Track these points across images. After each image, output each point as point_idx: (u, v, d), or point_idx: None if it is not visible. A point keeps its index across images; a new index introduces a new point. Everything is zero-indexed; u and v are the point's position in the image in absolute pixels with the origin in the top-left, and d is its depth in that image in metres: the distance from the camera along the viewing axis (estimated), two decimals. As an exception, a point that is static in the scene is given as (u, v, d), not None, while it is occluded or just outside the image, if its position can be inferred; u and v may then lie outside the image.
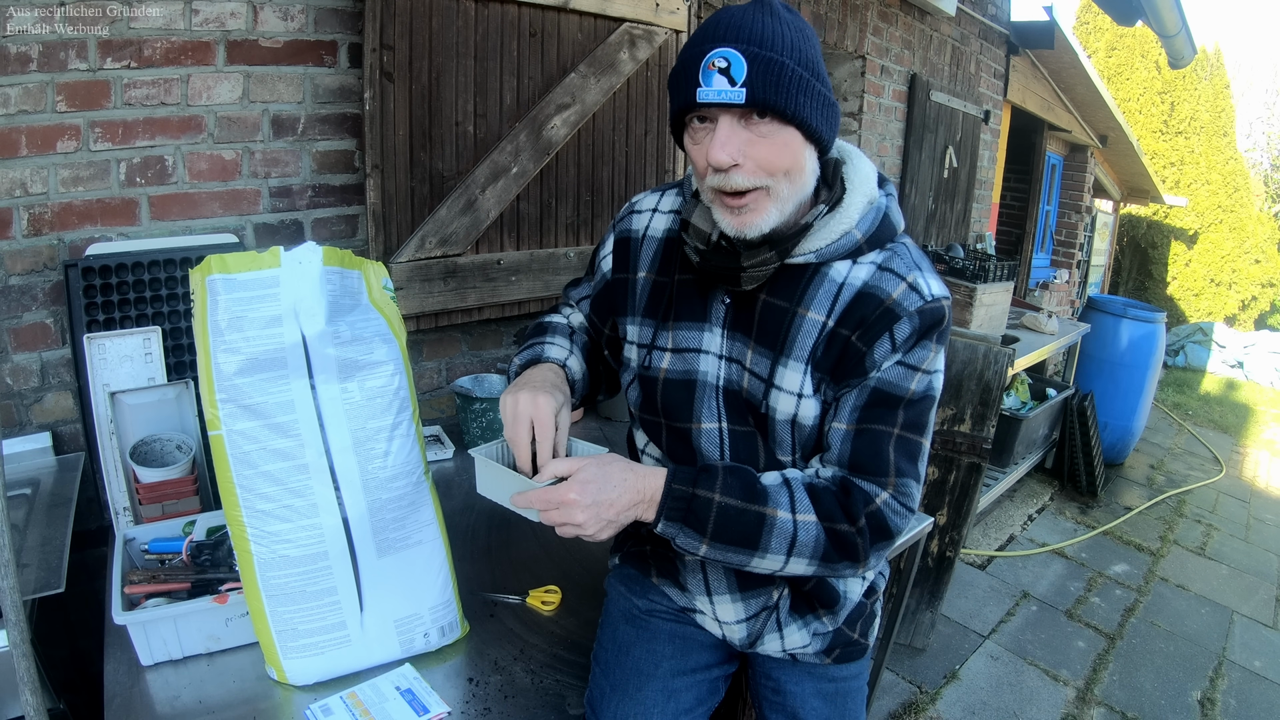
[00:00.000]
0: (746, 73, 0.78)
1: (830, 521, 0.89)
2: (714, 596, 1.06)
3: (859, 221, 0.90)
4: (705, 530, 0.87)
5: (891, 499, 0.90)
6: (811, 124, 0.82)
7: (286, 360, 0.97)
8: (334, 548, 1.02)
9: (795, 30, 0.82)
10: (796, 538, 0.88)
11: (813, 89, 0.81)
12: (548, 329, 1.12)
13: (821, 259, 0.90)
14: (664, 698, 1.03)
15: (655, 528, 0.89)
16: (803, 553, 0.88)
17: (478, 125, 1.91)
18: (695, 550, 0.89)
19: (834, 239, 0.90)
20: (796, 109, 0.80)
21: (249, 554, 0.99)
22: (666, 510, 0.88)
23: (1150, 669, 2.69)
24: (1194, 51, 4.50)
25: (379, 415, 1.03)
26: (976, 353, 2.40)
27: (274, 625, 1.01)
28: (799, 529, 0.88)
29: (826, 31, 2.99)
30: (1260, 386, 7.56)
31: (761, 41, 0.79)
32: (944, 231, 4.02)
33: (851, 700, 1.11)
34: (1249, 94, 16.74)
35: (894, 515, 0.90)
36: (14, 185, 1.39)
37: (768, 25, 0.80)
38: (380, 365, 1.04)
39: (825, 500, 0.90)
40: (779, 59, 0.79)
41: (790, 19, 0.83)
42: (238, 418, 0.96)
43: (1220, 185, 8.82)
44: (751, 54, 0.78)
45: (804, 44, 0.82)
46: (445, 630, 1.13)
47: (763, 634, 1.06)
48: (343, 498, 1.02)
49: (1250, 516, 4.22)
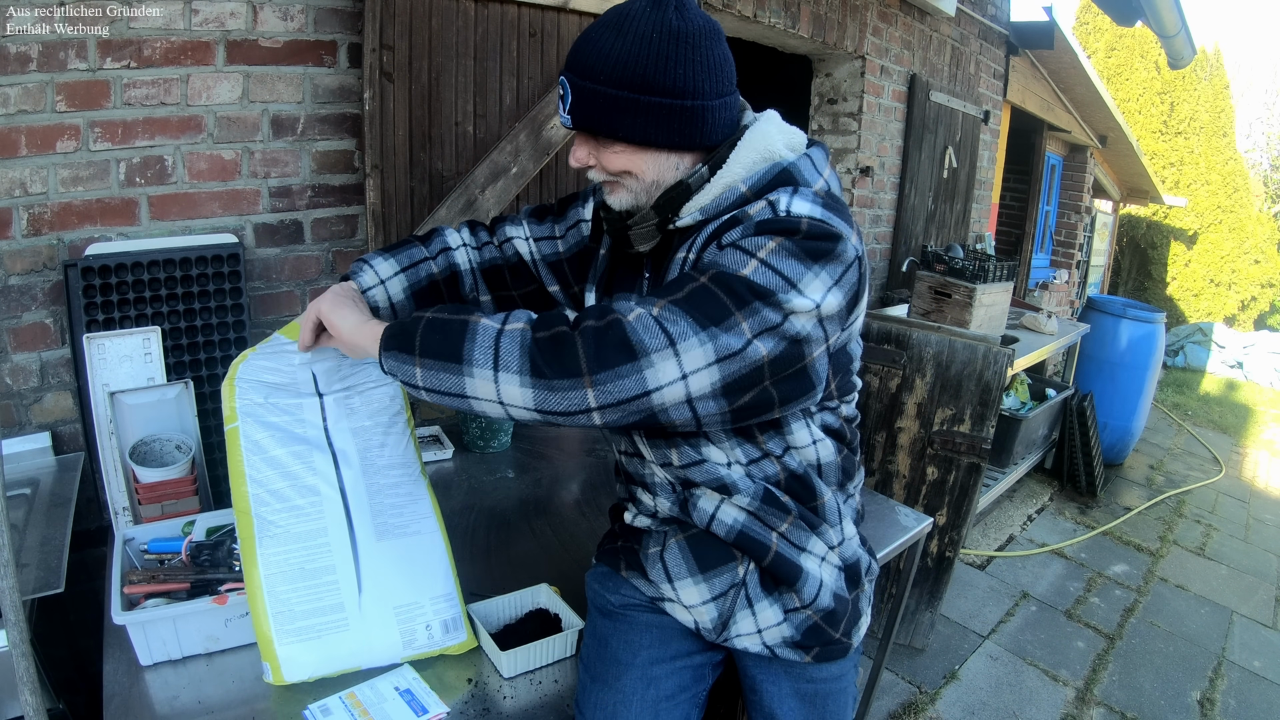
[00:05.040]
0: (570, 102, 0.91)
1: (545, 329, 0.82)
2: (675, 581, 1.04)
3: (746, 178, 0.93)
4: (414, 346, 0.85)
5: (647, 315, 0.80)
6: (635, 138, 0.90)
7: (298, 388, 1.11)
8: (333, 524, 1.06)
9: (637, 46, 0.86)
10: (500, 345, 0.81)
11: (635, 106, 0.88)
12: (417, 241, 1.17)
13: (706, 215, 0.94)
14: (643, 685, 1.03)
15: (382, 365, 0.89)
16: (509, 365, 0.80)
17: (477, 125, 1.91)
18: (411, 378, 0.85)
19: (716, 194, 0.94)
20: (613, 130, 0.90)
21: (251, 532, 1.02)
22: (384, 339, 0.88)
23: (1150, 669, 2.69)
24: (1194, 52, 4.50)
25: (376, 415, 1.14)
26: (976, 353, 2.40)
27: (271, 607, 1.01)
28: (503, 337, 0.82)
29: (827, 32, 2.99)
30: (1260, 387, 7.56)
31: (586, 70, 0.88)
32: (943, 232, 4.02)
33: (833, 702, 1.09)
34: (1249, 94, 16.76)
35: (643, 330, 0.79)
36: (14, 185, 1.39)
37: (603, 48, 0.87)
38: (379, 384, 1.15)
39: (547, 315, 0.85)
40: (594, 88, 0.88)
41: (640, 31, 0.86)
42: (252, 414, 1.06)
43: (1220, 185, 8.83)
44: (575, 85, 0.90)
45: (640, 60, 0.86)
46: (448, 626, 1.11)
47: (734, 613, 1.03)
48: (343, 479, 1.09)
49: (1250, 517, 4.22)
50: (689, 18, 0.88)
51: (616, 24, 0.88)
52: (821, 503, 1.02)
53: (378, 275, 1.09)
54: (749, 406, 0.84)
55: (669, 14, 0.87)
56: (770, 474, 1.00)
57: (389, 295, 1.10)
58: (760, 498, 0.99)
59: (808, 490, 1.01)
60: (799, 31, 2.86)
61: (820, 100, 3.43)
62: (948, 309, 3.17)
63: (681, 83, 0.88)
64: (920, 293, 3.28)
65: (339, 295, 1.01)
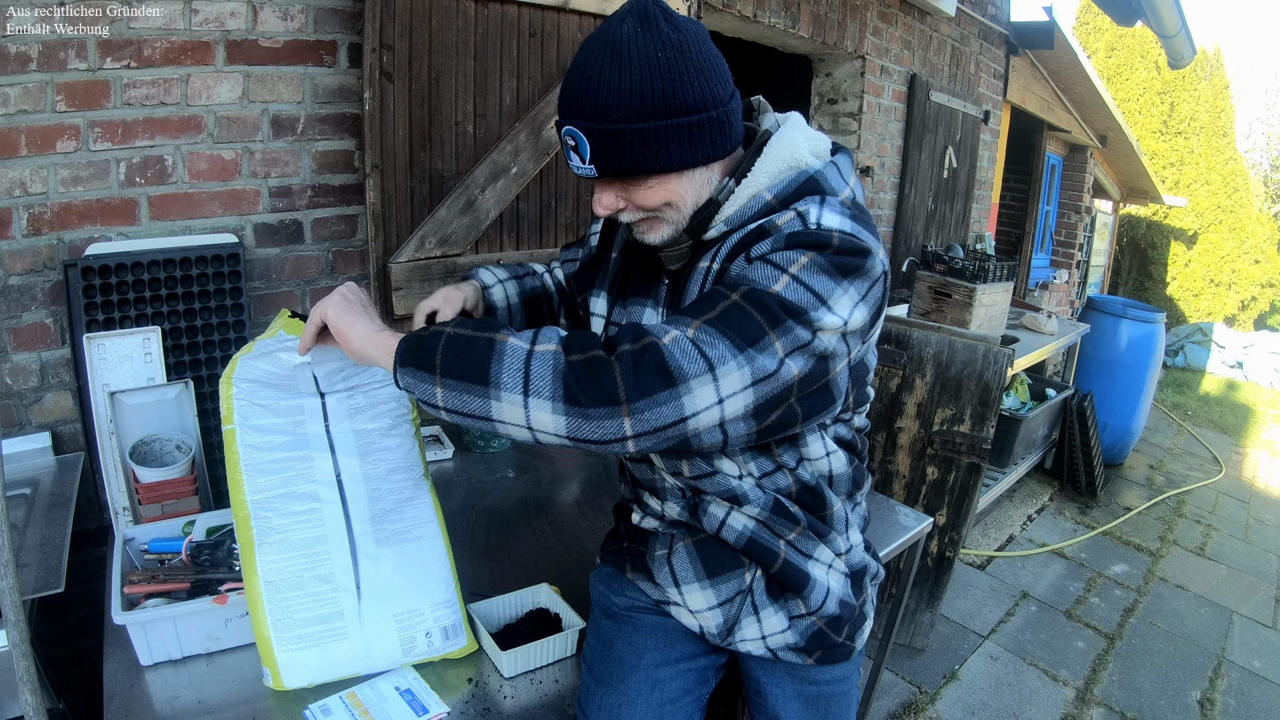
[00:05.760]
0: (590, 151, 0.84)
1: (579, 351, 0.76)
2: (682, 586, 1.04)
3: (771, 186, 0.91)
4: (434, 364, 0.79)
5: (683, 337, 0.76)
6: (669, 166, 0.86)
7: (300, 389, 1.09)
8: (333, 531, 1.04)
9: (646, 71, 0.81)
10: (530, 368, 0.76)
11: (664, 133, 0.83)
12: (513, 266, 1.21)
13: (731, 225, 0.92)
14: (648, 688, 1.02)
15: (397, 380, 0.83)
16: (541, 390, 0.75)
17: (477, 125, 1.91)
18: (431, 397, 0.79)
19: (741, 204, 0.92)
20: (646, 165, 0.85)
21: (250, 537, 1.01)
22: (400, 354, 0.82)
23: (1150, 669, 2.69)
24: (1194, 52, 4.50)
25: (379, 417, 1.11)
26: (976, 353, 2.40)
27: (270, 614, 1.01)
28: (534, 359, 0.76)
29: (827, 32, 2.99)
30: (1260, 387, 7.56)
31: (597, 113, 0.82)
32: (943, 232, 4.02)
33: (836, 705, 1.09)
34: (1249, 94, 16.77)
35: (680, 355, 0.75)
36: (14, 185, 1.39)
37: (609, 82, 0.81)
38: (383, 385, 1.13)
39: (580, 336, 0.79)
40: (615, 128, 0.82)
41: (643, 54, 0.81)
42: (249, 416, 1.04)
43: (1220, 185, 8.83)
44: (589, 130, 0.83)
45: (654, 85, 0.81)
46: (448, 632, 1.11)
47: (739, 619, 1.03)
48: (344, 485, 1.06)
49: (1250, 517, 4.22)
50: (680, 25, 0.84)
51: (613, 53, 0.82)
52: (831, 512, 1.02)
53: (495, 276, 1.14)
54: (774, 425, 0.82)
55: (662, 28, 0.82)
56: (782, 486, 0.99)
57: (506, 295, 1.15)
58: (770, 508, 0.99)
59: (818, 500, 1.01)
60: (799, 31, 2.86)
61: (820, 100, 3.43)
62: (948, 309, 3.17)
63: (699, 95, 0.84)
64: (920, 293, 3.28)
65: (347, 300, 0.94)
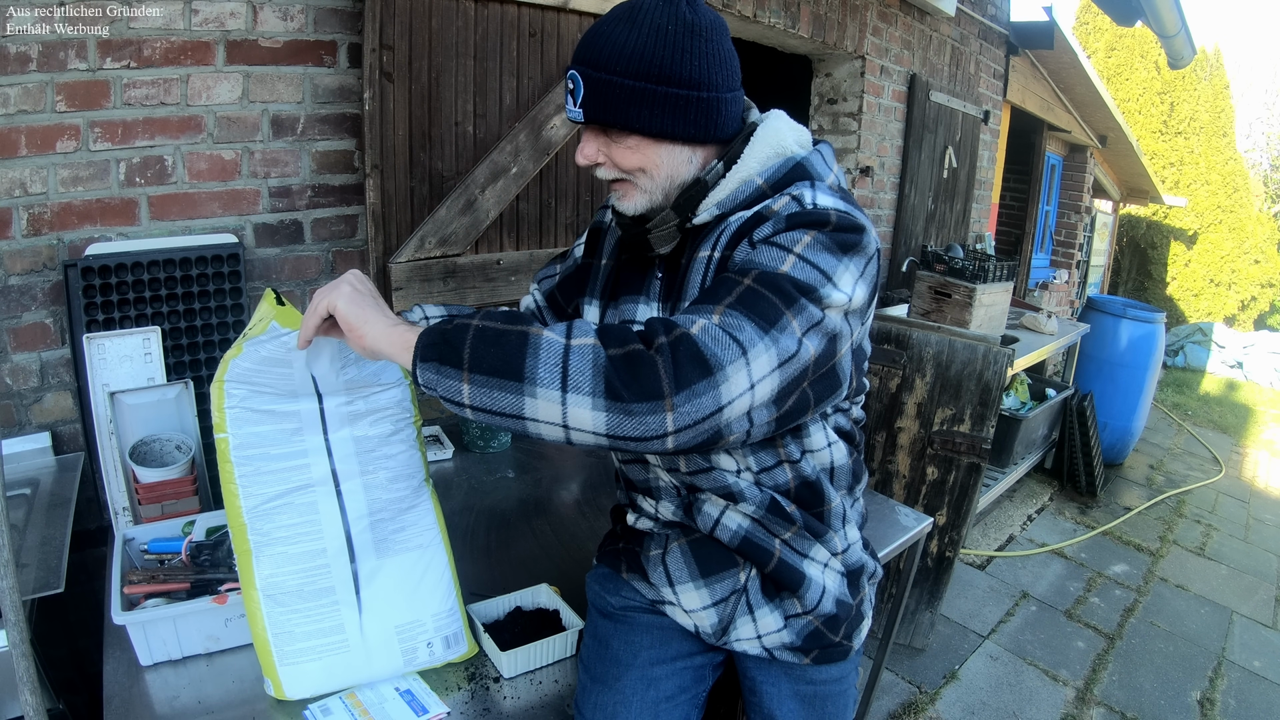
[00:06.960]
0: (583, 94, 0.88)
1: (618, 345, 0.74)
2: (677, 586, 1.04)
3: (761, 171, 0.93)
4: (461, 359, 0.74)
5: (711, 325, 0.75)
6: (650, 129, 0.89)
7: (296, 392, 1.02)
8: (332, 544, 1.02)
9: (652, 38, 0.86)
10: (569, 362, 0.72)
11: (651, 97, 0.87)
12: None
13: (723, 209, 0.93)
14: (643, 686, 1.02)
15: (417, 377, 0.77)
16: (580, 385, 0.71)
17: (477, 125, 1.91)
18: (456, 395, 0.74)
19: (733, 189, 0.93)
20: (628, 121, 0.88)
21: (247, 548, 0.99)
22: (421, 349, 0.76)
23: (1150, 669, 2.69)
24: (1194, 52, 4.50)
25: (380, 423, 1.07)
26: (976, 353, 2.40)
27: (271, 628, 0.99)
28: (572, 353, 0.73)
29: (827, 32, 2.99)
30: (1260, 387, 7.56)
31: (598, 62, 0.87)
32: (943, 232, 4.02)
33: (833, 704, 1.09)
34: (1249, 94, 16.77)
35: (713, 343, 0.73)
36: (13, 185, 1.39)
37: (617, 40, 0.86)
38: (386, 388, 1.08)
39: (615, 330, 0.76)
40: (609, 79, 0.86)
41: (655, 23, 0.86)
42: (242, 422, 0.99)
43: (1220, 185, 8.83)
44: (587, 76, 0.88)
45: (656, 51, 0.86)
46: (450, 641, 1.10)
47: (734, 619, 1.03)
48: (343, 495, 1.03)
49: (1250, 517, 4.22)
50: (701, 12, 0.89)
51: (629, 17, 0.87)
52: (829, 508, 1.02)
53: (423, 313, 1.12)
54: (790, 412, 0.81)
55: (681, 7, 0.87)
56: (780, 482, 0.99)
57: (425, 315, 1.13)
58: (766, 507, 0.98)
59: (817, 496, 1.00)
60: (799, 31, 2.86)
61: (820, 100, 3.43)
62: (948, 309, 3.17)
63: (696, 74, 0.88)
64: (920, 293, 3.28)
65: (358, 291, 0.86)
